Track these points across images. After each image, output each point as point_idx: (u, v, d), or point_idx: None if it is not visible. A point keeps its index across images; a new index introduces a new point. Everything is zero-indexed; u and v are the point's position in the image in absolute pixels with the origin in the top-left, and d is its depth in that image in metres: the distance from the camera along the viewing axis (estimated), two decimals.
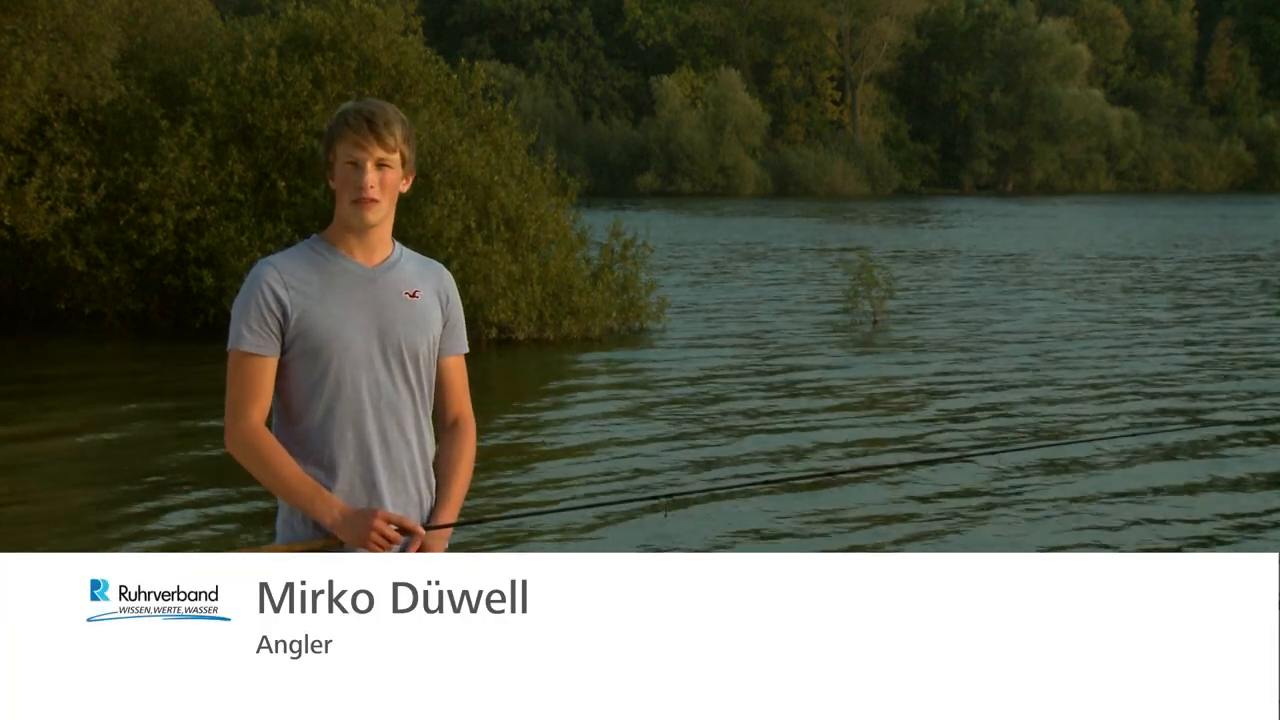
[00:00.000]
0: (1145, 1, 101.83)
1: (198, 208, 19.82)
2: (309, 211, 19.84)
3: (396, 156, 3.84)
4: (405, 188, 3.92)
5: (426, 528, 3.86)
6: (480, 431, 4.05)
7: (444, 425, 4.03)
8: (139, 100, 20.88)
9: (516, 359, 18.36)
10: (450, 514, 3.92)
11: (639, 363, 18.40)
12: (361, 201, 3.81)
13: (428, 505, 3.93)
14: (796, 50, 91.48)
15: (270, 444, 3.78)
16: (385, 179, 3.83)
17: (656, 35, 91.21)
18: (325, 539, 3.79)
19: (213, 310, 19.74)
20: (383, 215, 3.85)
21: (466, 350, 4.06)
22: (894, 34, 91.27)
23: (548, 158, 21.24)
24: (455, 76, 21.33)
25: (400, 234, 4.10)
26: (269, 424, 3.84)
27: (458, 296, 4.03)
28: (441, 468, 3.97)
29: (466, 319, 4.09)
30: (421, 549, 3.83)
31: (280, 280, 3.79)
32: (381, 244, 3.90)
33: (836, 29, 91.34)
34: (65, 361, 18.43)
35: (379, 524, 3.74)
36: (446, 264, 7.50)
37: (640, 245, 21.07)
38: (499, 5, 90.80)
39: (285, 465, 3.76)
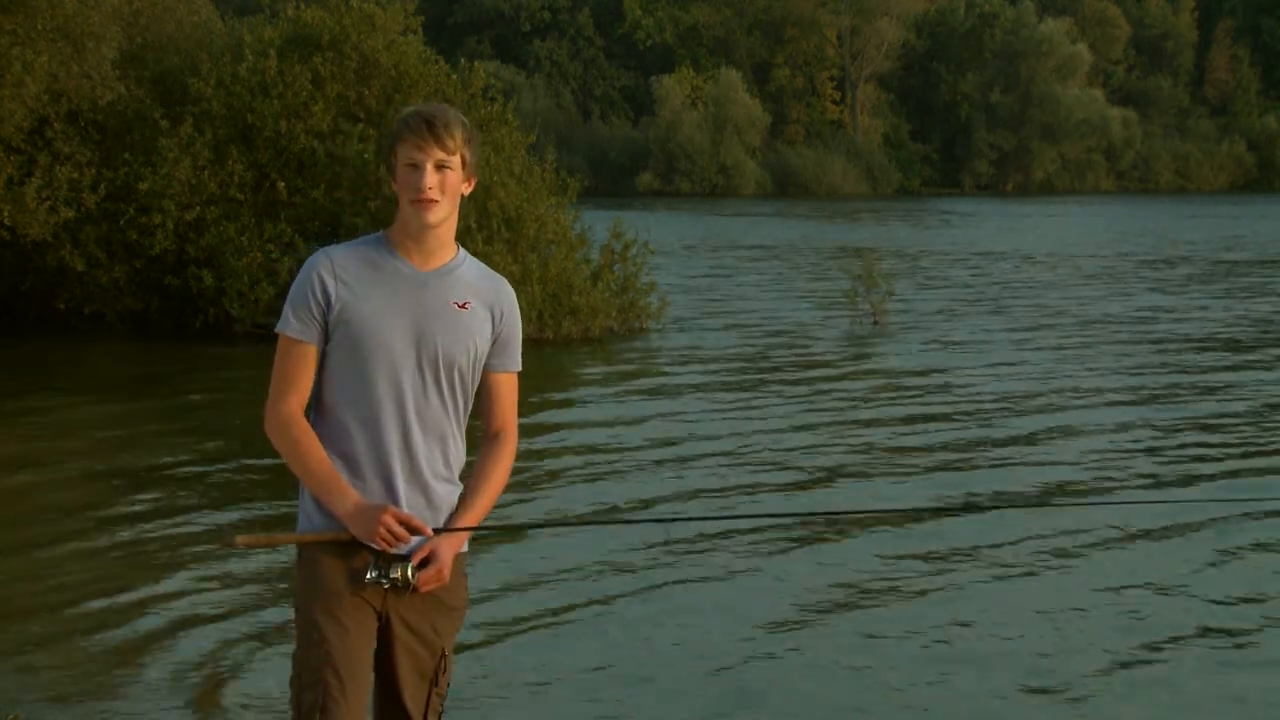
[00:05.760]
0: (1145, 1, 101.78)
1: (198, 208, 19.82)
2: (309, 212, 19.83)
3: (457, 159, 3.86)
4: (467, 190, 3.93)
5: (435, 531, 3.86)
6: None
7: (486, 436, 4.03)
8: (139, 100, 20.87)
9: None
10: (468, 518, 3.91)
11: (639, 363, 18.40)
12: (420, 202, 3.82)
13: (446, 512, 3.91)
14: (796, 50, 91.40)
15: (302, 431, 3.82)
16: (446, 180, 3.85)
17: (656, 35, 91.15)
18: (338, 531, 3.81)
19: (212, 310, 19.72)
20: (443, 216, 3.86)
21: (518, 368, 4.03)
22: (894, 34, 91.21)
23: (548, 158, 21.23)
24: (455, 76, 21.32)
25: None
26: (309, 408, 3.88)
27: (516, 313, 3.99)
28: (472, 476, 3.98)
29: None
30: (431, 553, 3.83)
31: (331, 271, 3.83)
32: (441, 248, 3.91)
33: (836, 29, 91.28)
34: (65, 361, 18.43)
35: (388, 520, 3.76)
36: None
37: (640, 245, 21.06)
38: (499, 5, 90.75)
39: (312, 453, 3.81)
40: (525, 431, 13.26)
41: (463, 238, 19.62)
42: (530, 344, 19.19)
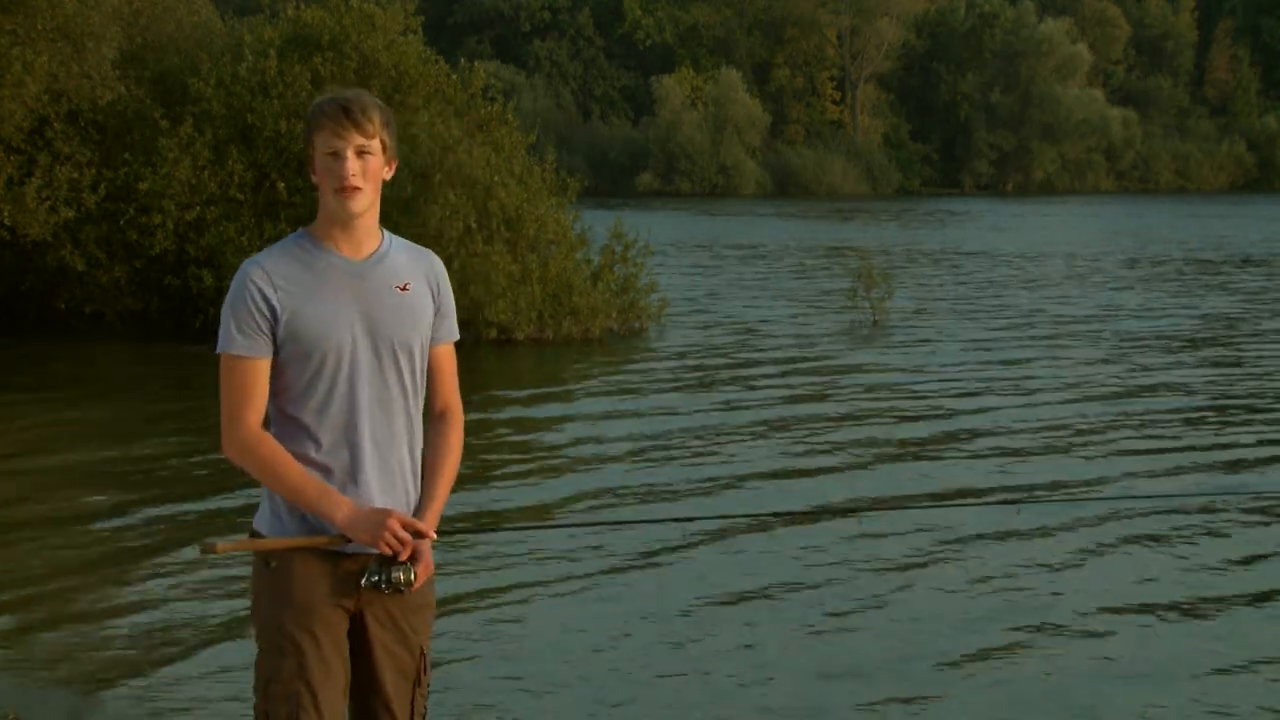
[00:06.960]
0: (1145, 1, 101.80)
1: (198, 208, 19.83)
2: (309, 212, 19.81)
3: (376, 143, 3.76)
4: (388, 175, 3.84)
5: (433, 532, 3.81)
6: (478, 432, 4.04)
7: (431, 415, 3.96)
8: (139, 100, 20.88)
9: (516, 359, 18.34)
10: (435, 510, 3.85)
11: (639, 363, 18.40)
12: (344, 190, 3.73)
13: (414, 501, 3.86)
14: (796, 50, 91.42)
15: (271, 447, 3.72)
16: (367, 166, 3.75)
17: (656, 35, 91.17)
18: (330, 537, 3.72)
19: (212, 310, 19.71)
20: (367, 204, 3.77)
21: (456, 337, 3.99)
22: (894, 34, 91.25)
23: (548, 158, 21.23)
24: (455, 76, 21.33)
25: (400, 235, 4.01)
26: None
27: (448, 282, 3.95)
28: (428, 460, 3.91)
29: (466, 319, 4.06)
30: (416, 550, 3.77)
31: (268, 280, 3.74)
32: (369, 235, 3.83)
33: (836, 29, 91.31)
34: (65, 361, 18.43)
35: (393, 525, 3.70)
36: (447, 264, 7.56)
37: (641, 246, 21.06)
38: (499, 5, 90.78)
39: (288, 466, 3.71)
40: (524, 431, 13.31)
41: (463, 238, 19.66)
42: (530, 344, 19.21)
